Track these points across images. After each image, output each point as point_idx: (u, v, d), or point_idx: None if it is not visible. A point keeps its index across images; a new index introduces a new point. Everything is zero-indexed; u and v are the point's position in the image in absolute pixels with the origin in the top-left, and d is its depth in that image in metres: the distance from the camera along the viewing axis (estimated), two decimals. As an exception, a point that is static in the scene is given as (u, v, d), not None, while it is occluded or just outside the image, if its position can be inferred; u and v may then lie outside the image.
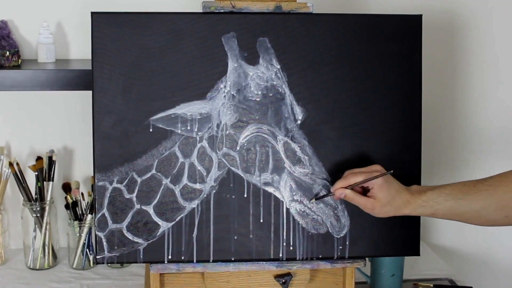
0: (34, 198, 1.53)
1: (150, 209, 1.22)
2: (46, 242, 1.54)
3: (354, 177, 1.17)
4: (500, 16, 1.68)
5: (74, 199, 1.53)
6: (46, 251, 1.54)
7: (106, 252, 1.21)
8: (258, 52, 1.22)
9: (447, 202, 1.13)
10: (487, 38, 1.69)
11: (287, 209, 1.24)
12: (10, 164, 1.51)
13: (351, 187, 1.17)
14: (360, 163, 1.23)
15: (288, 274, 1.27)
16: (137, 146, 1.21)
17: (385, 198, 1.15)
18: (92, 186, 1.45)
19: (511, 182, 1.09)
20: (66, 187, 1.55)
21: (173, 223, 1.22)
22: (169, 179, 1.22)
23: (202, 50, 1.21)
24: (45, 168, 1.54)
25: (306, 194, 1.23)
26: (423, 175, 1.29)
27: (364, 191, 1.18)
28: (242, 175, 1.23)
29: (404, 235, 1.28)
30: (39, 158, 1.54)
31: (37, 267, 1.54)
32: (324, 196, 1.22)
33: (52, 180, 1.54)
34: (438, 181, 1.59)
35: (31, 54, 1.53)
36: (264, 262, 1.25)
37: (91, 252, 1.54)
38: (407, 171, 1.27)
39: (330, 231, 1.25)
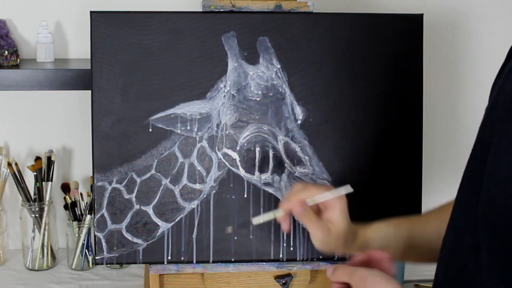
0: (33, 198, 1.52)
1: (149, 210, 1.21)
2: (45, 243, 1.53)
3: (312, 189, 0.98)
4: (502, 16, 1.68)
5: (73, 200, 1.52)
6: (45, 251, 1.54)
7: (105, 253, 1.21)
8: (258, 51, 1.21)
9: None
10: (488, 38, 1.69)
11: (288, 210, 1.23)
12: (9, 164, 1.51)
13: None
14: (360, 163, 1.23)
15: (289, 275, 1.27)
16: (137, 146, 1.20)
17: (344, 226, 0.98)
18: (91, 186, 1.44)
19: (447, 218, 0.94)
20: (65, 187, 1.54)
21: (172, 223, 1.22)
22: (168, 179, 1.21)
23: (202, 49, 1.20)
24: (44, 168, 1.53)
25: (307, 195, 1.23)
26: (424, 175, 1.28)
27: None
28: (242, 175, 1.22)
29: (405, 235, 1.27)
30: (38, 158, 1.54)
31: (36, 268, 1.53)
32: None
33: (51, 180, 1.53)
34: (439, 182, 1.59)
35: (29, 53, 1.52)
36: (264, 263, 1.25)
37: (90, 253, 1.54)
38: (408, 172, 1.26)
39: (331, 231, 1.24)
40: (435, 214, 1.04)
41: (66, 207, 1.52)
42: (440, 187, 1.55)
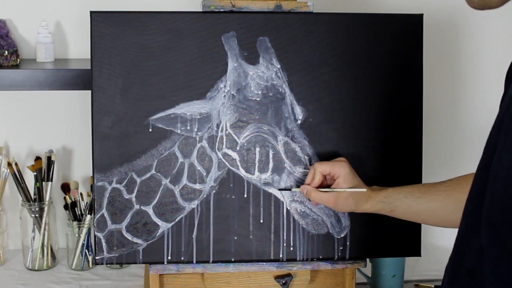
0: (33, 198, 1.52)
1: (149, 210, 1.21)
2: (45, 243, 1.53)
3: (321, 169, 1.17)
4: (502, 15, 1.67)
5: (73, 200, 1.52)
6: (45, 251, 1.54)
7: (105, 253, 1.21)
8: (258, 51, 1.21)
9: (407, 200, 1.14)
10: (488, 38, 1.68)
11: (287, 210, 1.23)
12: (9, 164, 1.51)
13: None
14: (361, 163, 1.23)
15: (289, 275, 1.27)
16: (137, 146, 1.20)
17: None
18: (91, 186, 1.44)
19: (468, 185, 1.05)
20: (65, 187, 1.54)
21: (172, 223, 1.22)
22: (168, 179, 1.21)
23: (201, 49, 1.20)
24: (44, 168, 1.53)
25: (307, 195, 1.23)
26: (424, 174, 1.28)
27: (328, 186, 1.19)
28: (242, 175, 1.22)
29: (405, 235, 1.27)
30: (38, 158, 1.54)
31: (36, 268, 1.53)
32: (287, 189, 1.22)
33: (51, 180, 1.53)
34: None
35: (29, 53, 1.52)
36: (264, 263, 1.24)
37: (90, 253, 1.54)
38: (409, 171, 1.26)
39: (331, 231, 1.24)
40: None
41: (66, 207, 1.52)
42: (440, 187, 1.54)
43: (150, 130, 1.20)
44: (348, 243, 1.25)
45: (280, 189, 1.22)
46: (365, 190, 1.16)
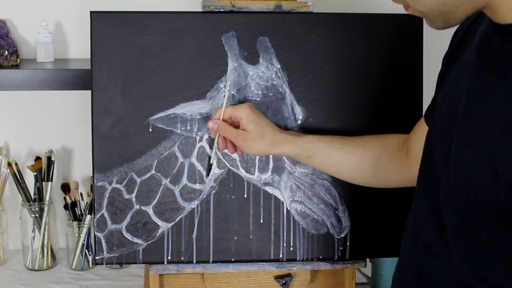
0: (33, 198, 1.52)
1: (149, 210, 1.21)
2: (45, 243, 1.53)
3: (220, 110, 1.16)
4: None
5: (73, 200, 1.52)
6: (45, 251, 1.54)
7: (105, 253, 1.21)
8: (258, 51, 1.21)
9: (327, 149, 1.15)
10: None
11: (287, 210, 1.23)
12: (9, 164, 1.51)
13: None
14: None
15: (289, 275, 1.27)
16: (137, 146, 1.20)
17: (255, 129, 1.13)
18: (91, 186, 1.44)
19: (386, 144, 1.16)
20: (65, 187, 1.54)
21: (172, 223, 1.22)
22: (168, 179, 1.21)
23: (201, 49, 1.20)
24: (44, 168, 1.53)
25: (307, 195, 1.23)
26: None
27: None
28: (242, 175, 1.22)
29: (405, 235, 1.27)
30: (38, 158, 1.54)
31: (36, 268, 1.53)
32: (209, 166, 1.21)
33: (51, 180, 1.53)
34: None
35: (29, 53, 1.52)
36: (264, 263, 1.25)
37: (90, 253, 1.54)
38: (408, 171, 1.26)
39: (331, 231, 1.24)
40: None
41: (66, 207, 1.52)
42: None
43: (150, 130, 1.20)
44: (348, 243, 1.25)
45: (208, 171, 1.21)
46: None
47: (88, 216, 1.52)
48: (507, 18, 0.77)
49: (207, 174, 1.21)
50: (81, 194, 1.54)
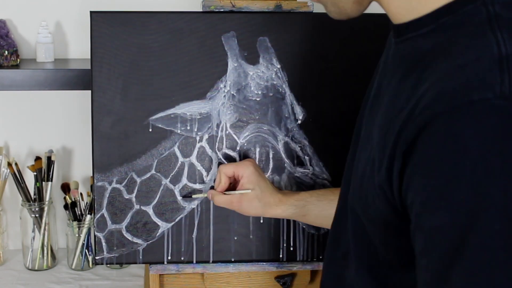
0: (33, 198, 1.52)
1: (149, 210, 1.21)
2: (45, 243, 1.53)
3: (225, 170, 1.15)
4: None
5: (73, 200, 1.52)
6: (45, 251, 1.53)
7: (105, 253, 1.21)
8: (258, 51, 1.21)
9: (320, 202, 1.12)
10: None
11: (288, 210, 1.23)
12: (9, 164, 1.51)
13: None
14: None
15: (289, 275, 1.27)
16: (137, 146, 1.20)
17: (253, 191, 1.13)
18: (91, 186, 1.44)
19: None
20: (65, 187, 1.54)
21: (172, 223, 1.22)
22: (168, 179, 1.21)
23: (201, 49, 1.20)
24: (44, 168, 1.53)
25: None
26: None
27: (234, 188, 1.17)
28: (242, 175, 1.22)
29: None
30: (38, 158, 1.54)
31: (36, 268, 1.53)
32: (191, 195, 1.21)
33: (51, 180, 1.53)
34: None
35: (29, 53, 1.52)
36: (264, 263, 1.25)
37: (90, 253, 1.54)
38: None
39: (331, 231, 1.24)
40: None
41: (66, 207, 1.52)
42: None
43: (150, 130, 1.20)
44: (348, 243, 1.25)
45: (184, 196, 1.21)
46: (249, 191, 1.13)
47: (88, 216, 1.51)
48: (399, 18, 0.75)
49: (184, 197, 1.21)
50: (81, 194, 1.54)
